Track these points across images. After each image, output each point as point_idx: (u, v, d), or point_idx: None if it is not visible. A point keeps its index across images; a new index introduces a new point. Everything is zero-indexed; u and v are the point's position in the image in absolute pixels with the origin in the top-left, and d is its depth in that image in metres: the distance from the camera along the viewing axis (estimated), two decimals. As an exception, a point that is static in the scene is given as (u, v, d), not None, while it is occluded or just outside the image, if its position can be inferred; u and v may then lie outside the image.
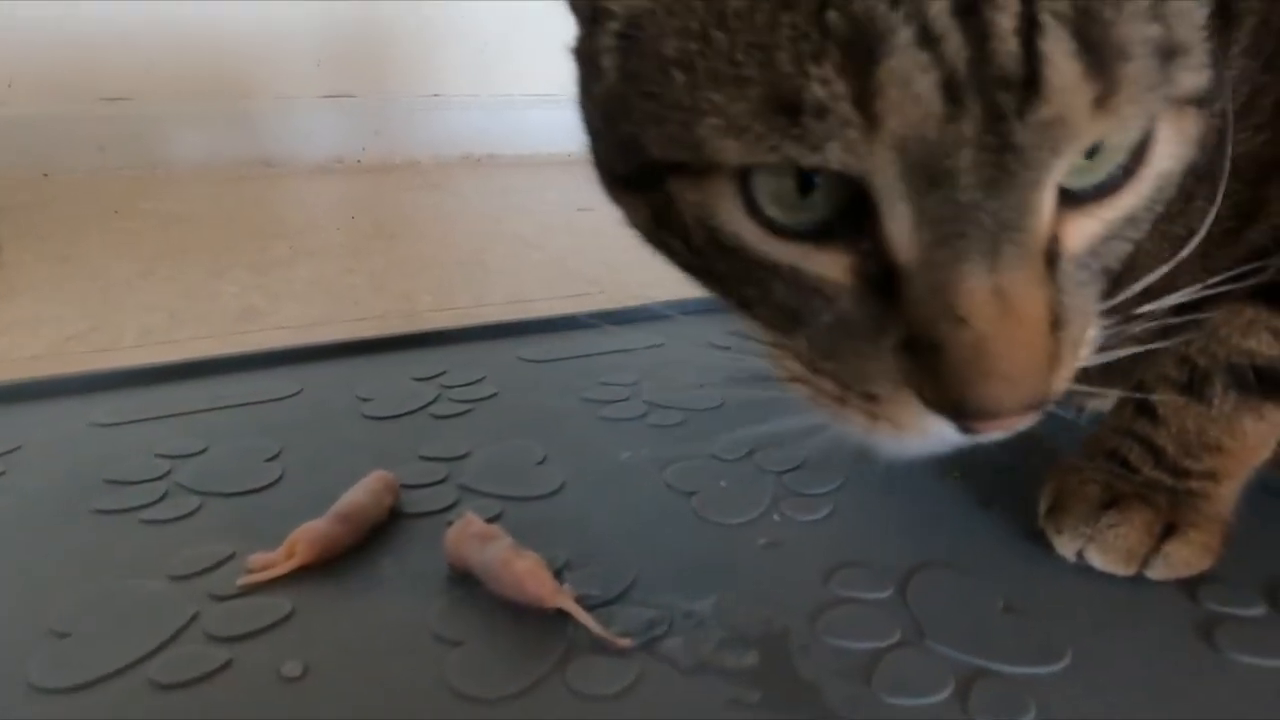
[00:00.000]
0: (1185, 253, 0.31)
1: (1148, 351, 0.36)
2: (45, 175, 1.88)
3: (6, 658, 0.32)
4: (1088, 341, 0.25)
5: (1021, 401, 0.22)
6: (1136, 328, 0.34)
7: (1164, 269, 0.30)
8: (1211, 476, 0.37)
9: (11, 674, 0.32)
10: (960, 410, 0.22)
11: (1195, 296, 0.33)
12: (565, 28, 0.30)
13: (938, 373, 0.22)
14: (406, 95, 2.15)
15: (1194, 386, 0.36)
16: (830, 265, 0.23)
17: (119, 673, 0.32)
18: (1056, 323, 0.22)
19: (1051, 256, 0.22)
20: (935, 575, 0.38)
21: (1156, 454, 0.38)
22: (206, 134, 2.07)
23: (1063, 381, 0.24)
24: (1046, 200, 0.21)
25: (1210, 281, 0.32)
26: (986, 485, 0.45)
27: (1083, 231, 0.23)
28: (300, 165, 2.07)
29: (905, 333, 0.22)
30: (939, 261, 0.21)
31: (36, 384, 0.58)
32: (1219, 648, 0.33)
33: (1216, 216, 0.31)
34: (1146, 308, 0.31)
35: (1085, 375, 0.38)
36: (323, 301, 0.88)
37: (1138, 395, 0.38)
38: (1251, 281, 0.33)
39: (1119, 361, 0.37)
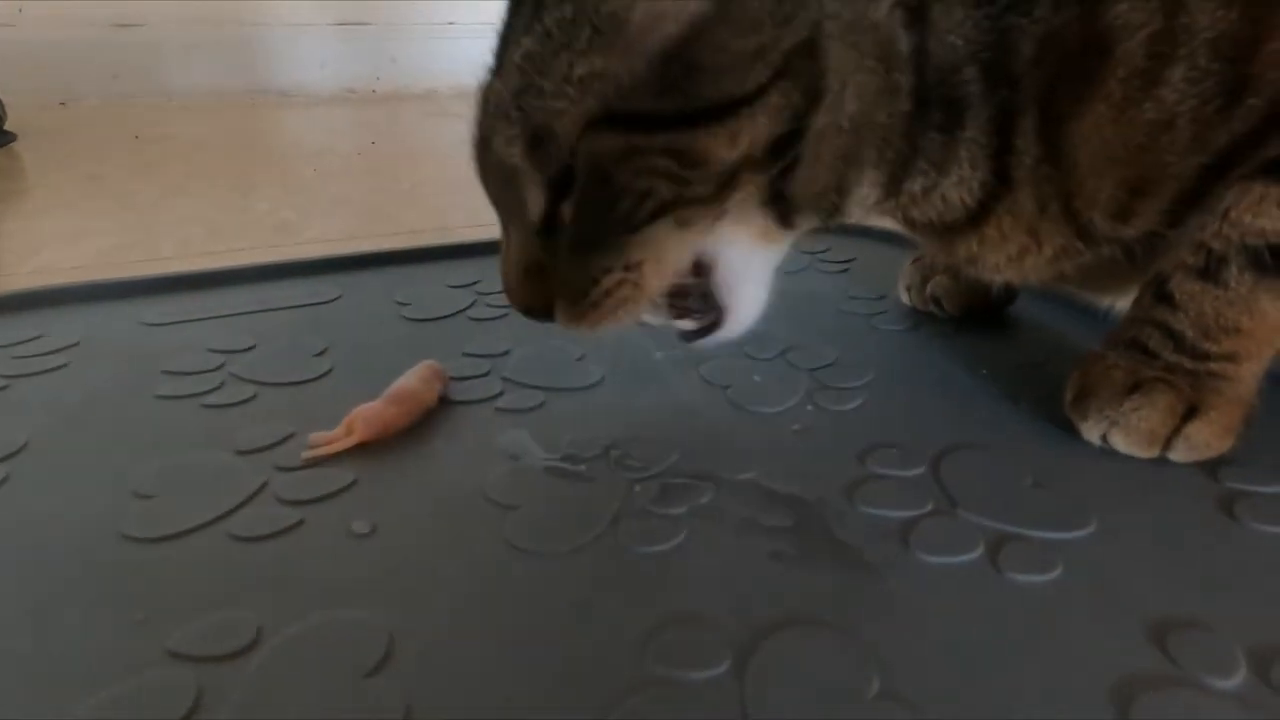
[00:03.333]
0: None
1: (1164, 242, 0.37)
2: (62, 104, 1.87)
3: (98, 514, 0.35)
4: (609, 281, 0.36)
5: (517, 304, 0.38)
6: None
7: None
8: (1231, 358, 0.38)
9: (105, 527, 0.34)
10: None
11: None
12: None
13: None
14: (421, 23, 2.11)
15: (1210, 271, 0.36)
16: None
17: (201, 527, 0.34)
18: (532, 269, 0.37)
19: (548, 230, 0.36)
20: (966, 455, 0.39)
21: (1176, 339, 0.38)
22: (219, 62, 2.04)
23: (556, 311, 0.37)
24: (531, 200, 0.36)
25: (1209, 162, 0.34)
26: (1015, 380, 0.47)
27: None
28: (314, 94, 2.05)
29: None
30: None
31: (87, 287, 0.60)
32: (1239, 519, 0.35)
33: (1201, 96, 0.33)
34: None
35: (1105, 272, 0.39)
36: (354, 218, 0.89)
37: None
38: (1257, 159, 0.34)
39: (1138, 258, 0.38)
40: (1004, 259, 0.40)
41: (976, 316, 0.55)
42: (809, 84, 0.33)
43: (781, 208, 0.36)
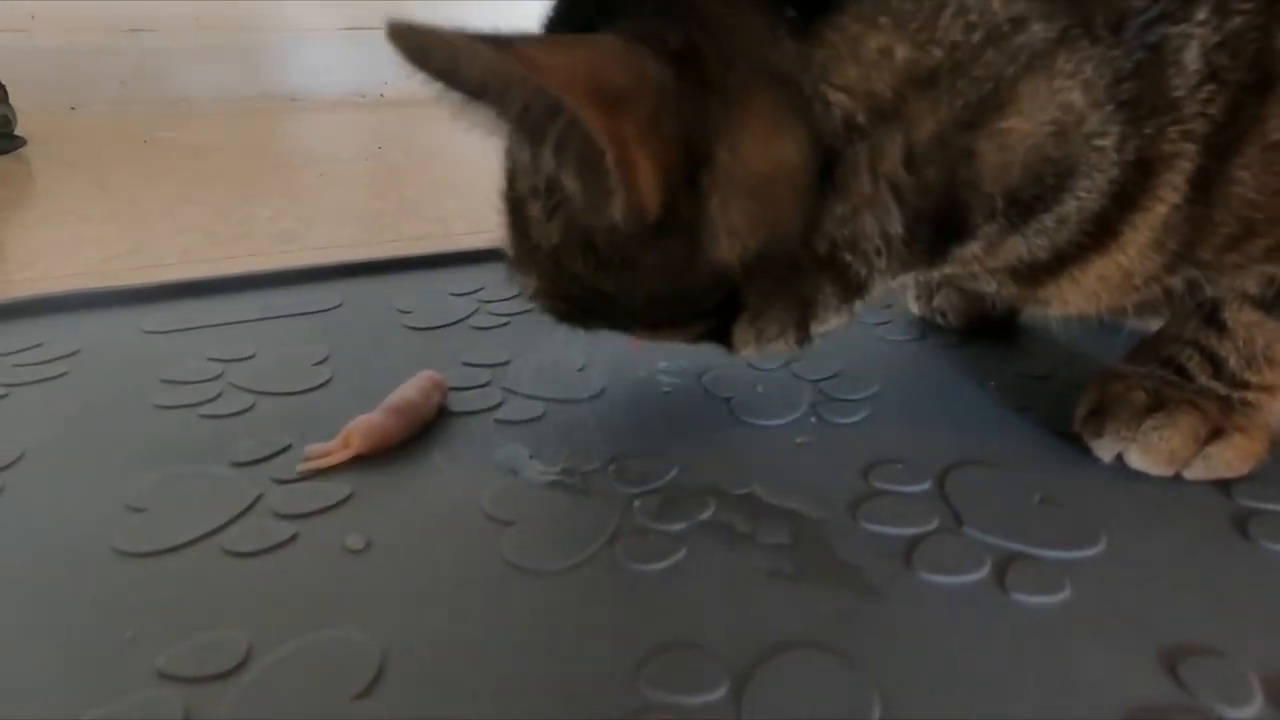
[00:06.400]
0: None
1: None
2: (72, 109, 1.87)
3: (91, 528, 0.34)
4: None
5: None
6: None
7: None
8: (1268, 390, 0.37)
9: (97, 541, 0.33)
10: None
11: None
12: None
13: None
14: (429, 28, 2.11)
15: (1272, 303, 0.35)
16: None
17: (193, 542, 0.34)
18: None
19: None
20: (973, 471, 0.39)
21: (1217, 364, 0.37)
22: (227, 67, 2.05)
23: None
24: None
25: None
26: (1023, 393, 0.46)
27: None
28: (323, 99, 2.06)
29: None
30: None
31: (88, 295, 0.60)
32: (1253, 538, 0.34)
33: None
34: None
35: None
36: (357, 225, 0.89)
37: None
38: None
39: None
40: (1085, 298, 0.36)
41: (982, 330, 0.54)
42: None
43: None
